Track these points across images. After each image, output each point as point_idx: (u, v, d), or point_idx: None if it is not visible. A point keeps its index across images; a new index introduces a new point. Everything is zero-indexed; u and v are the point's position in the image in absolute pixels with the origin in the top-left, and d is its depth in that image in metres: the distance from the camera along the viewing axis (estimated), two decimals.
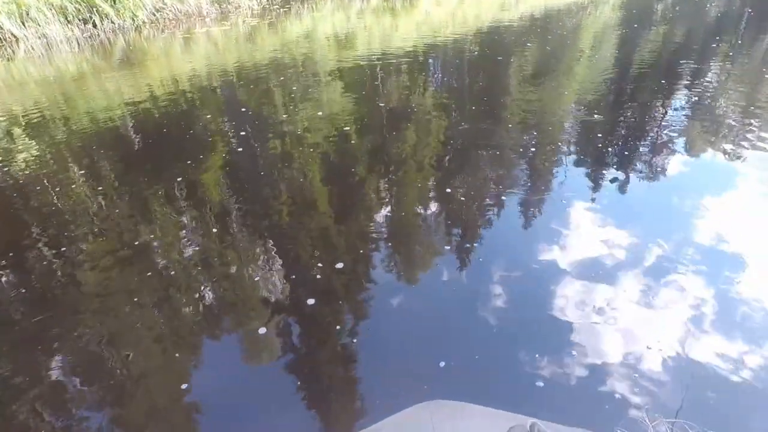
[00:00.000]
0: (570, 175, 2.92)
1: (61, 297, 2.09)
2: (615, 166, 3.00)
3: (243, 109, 4.30)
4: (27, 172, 3.23)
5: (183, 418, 1.55)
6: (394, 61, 5.59)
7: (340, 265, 2.16)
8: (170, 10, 8.75)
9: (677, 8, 8.70)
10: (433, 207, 2.65)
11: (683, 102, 4.14)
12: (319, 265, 2.18)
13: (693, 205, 2.53)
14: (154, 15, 8.62)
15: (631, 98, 4.27)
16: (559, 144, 3.37)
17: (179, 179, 3.05)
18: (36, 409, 1.59)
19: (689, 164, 3.04)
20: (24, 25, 7.21)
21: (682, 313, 1.79)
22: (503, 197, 2.69)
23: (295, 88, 4.77)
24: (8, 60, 6.25)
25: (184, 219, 2.64)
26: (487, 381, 1.51)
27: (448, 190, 2.80)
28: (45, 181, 3.11)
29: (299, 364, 1.70)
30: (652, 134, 3.51)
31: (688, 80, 4.68)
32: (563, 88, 4.65)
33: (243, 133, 3.78)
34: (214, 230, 2.52)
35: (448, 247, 2.30)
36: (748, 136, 3.37)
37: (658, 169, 2.98)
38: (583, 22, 7.73)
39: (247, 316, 1.94)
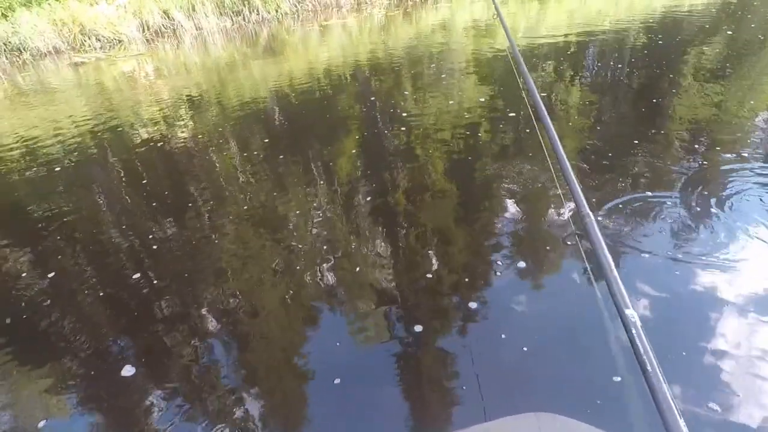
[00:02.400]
0: (744, 197, 2.59)
1: (204, 251, 2.62)
2: None
3: (374, 97, 4.73)
4: (188, 140, 4.07)
5: (292, 376, 1.84)
6: (538, 52, 5.52)
7: (460, 258, 2.30)
8: (309, 2, 9.96)
9: None
10: (568, 214, 2.61)
11: None
12: (439, 253, 2.34)
13: None
14: (296, 7, 9.91)
15: None
16: (738, 157, 2.99)
17: (312, 157, 3.54)
18: (174, 342, 2.05)
19: None
20: (190, 18, 8.96)
21: None
22: (655, 213, 2.52)
23: (428, 77, 5.06)
24: (176, 48, 7.85)
25: (316, 194, 3.06)
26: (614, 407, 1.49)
27: (592, 199, 2.72)
28: (203, 149, 3.88)
29: (420, 352, 1.88)
30: None
31: None
32: (757, 92, 4.06)
33: (373, 119, 4.18)
34: (344, 209, 2.88)
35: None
36: None
37: None
38: None
39: (364, 296, 2.19)
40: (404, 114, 4.14)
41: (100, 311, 2.28)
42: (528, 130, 3.62)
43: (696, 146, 3.18)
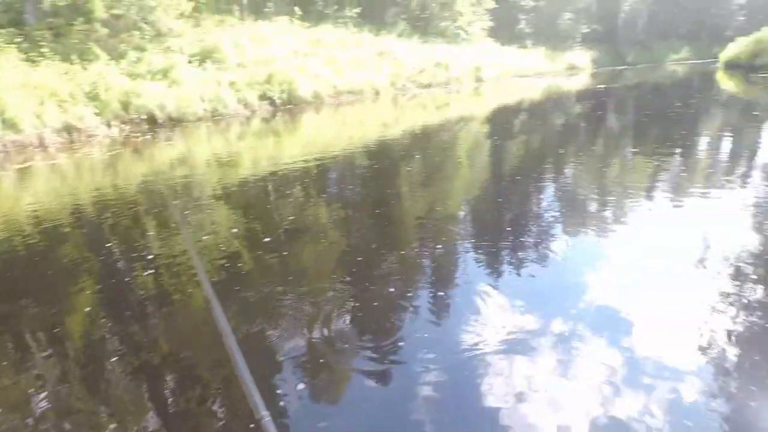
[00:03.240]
0: (471, 265, 3.49)
1: None
2: (512, 253, 3.67)
3: (109, 242, 4.17)
4: None
5: None
6: (284, 178, 6.14)
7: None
8: None
9: (532, 121, 11.47)
10: (340, 322, 2.83)
11: (554, 191, 5.34)
12: (210, 411, 2.12)
13: (585, 280, 3.19)
14: None
15: (511, 192, 5.35)
16: (456, 239, 4.02)
17: (29, 327, 2.76)
18: None
19: (570, 244, 3.86)
20: None
21: (598, 380, 2.18)
22: (412, 294, 3.04)
23: (173, 213, 4.84)
24: None
25: (39, 374, 2.35)
26: None
27: (356, 303, 3.04)
28: None
29: None
30: (535, 221, 4.41)
31: (553, 174, 6.10)
32: (451, 191, 5.62)
33: (111, 267, 3.64)
34: (82, 382, 2.29)
35: (361, 361, 2.45)
36: (606, 214, 4.47)
37: (547, 251, 3.72)
38: (457, 135, 9.63)
39: None
40: (150, 256, 3.77)
41: None
42: (285, 252, 3.83)
43: (417, 246, 4.02)
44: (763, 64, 20.32)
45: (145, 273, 3.47)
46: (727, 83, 19.32)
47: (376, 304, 2.97)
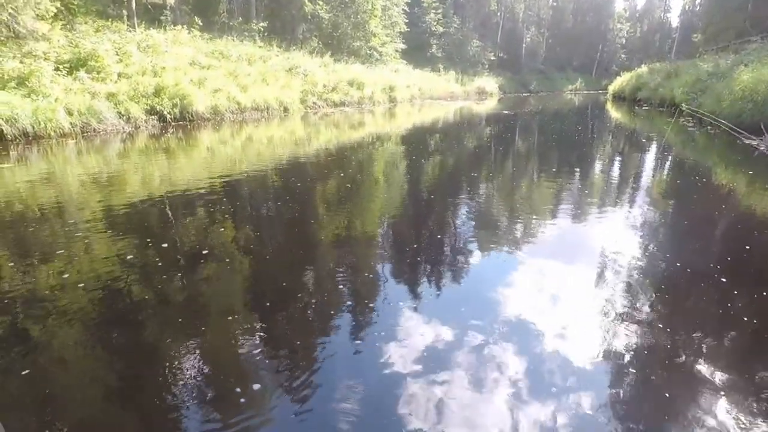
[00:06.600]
0: (390, 283, 3.52)
1: None
2: (427, 270, 3.78)
3: None
4: None
5: None
6: (181, 200, 5.63)
7: None
8: None
9: (447, 142, 12.02)
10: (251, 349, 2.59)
11: (468, 208, 5.57)
12: None
13: (496, 292, 3.39)
14: None
15: (428, 211, 5.46)
16: (374, 257, 4.04)
17: None
18: None
19: (484, 259, 4.08)
20: None
21: (512, 388, 2.32)
22: (331, 315, 2.97)
23: (42, 242, 4.17)
24: None
25: None
26: None
27: (266, 331, 2.80)
28: None
29: None
30: (450, 239, 4.53)
31: (469, 193, 6.37)
32: (368, 208, 5.59)
33: None
34: None
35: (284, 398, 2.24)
36: (515, 232, 4.78)
37: (462, 265, 3.92)
38: (373, 154, 9.73)
39: None
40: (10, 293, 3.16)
41: None
42: (192, 280, 3.44)
43: (339, 261, 3.87)
44: (643, 98, 23.70)
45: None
46: (616, 113, 22.19)
47: (293, 326, 2.80)
